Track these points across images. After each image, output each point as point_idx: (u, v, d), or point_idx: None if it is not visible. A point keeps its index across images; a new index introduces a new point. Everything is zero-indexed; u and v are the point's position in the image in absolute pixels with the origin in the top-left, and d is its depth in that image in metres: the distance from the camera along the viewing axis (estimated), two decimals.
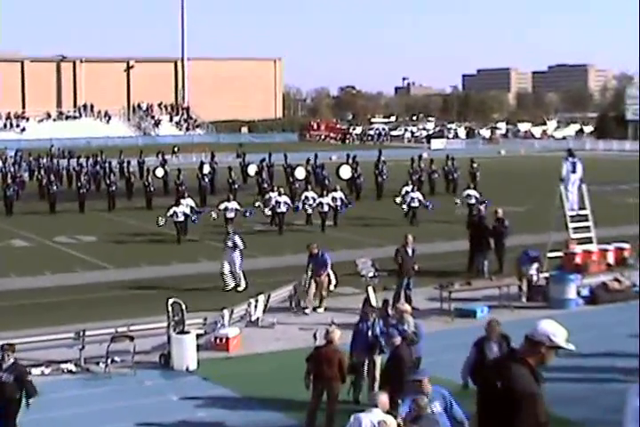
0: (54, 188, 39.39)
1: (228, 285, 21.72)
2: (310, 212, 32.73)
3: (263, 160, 46.44)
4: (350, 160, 45.26)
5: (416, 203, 32.63)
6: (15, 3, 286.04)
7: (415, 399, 9.87)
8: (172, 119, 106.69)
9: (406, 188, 34.55)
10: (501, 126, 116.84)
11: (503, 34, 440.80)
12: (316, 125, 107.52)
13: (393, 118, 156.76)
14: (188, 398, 14.16)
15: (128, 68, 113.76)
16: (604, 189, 39.54)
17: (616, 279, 20.95)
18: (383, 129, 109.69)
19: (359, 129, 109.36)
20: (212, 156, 50.37)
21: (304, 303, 19.63)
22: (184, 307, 16.09)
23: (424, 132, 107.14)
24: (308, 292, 19.61)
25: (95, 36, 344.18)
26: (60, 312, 19.56)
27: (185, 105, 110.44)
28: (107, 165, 47.30)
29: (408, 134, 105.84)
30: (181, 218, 29.07)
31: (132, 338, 15.71)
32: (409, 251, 19.91)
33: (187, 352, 15.62)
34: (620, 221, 30.67)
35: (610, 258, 23.10)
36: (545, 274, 20.80)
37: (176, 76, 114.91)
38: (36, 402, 11.86)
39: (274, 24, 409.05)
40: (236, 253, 21.88)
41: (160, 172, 44.70)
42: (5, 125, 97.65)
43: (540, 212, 30.04)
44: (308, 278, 19.77)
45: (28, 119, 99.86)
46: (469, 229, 24.43)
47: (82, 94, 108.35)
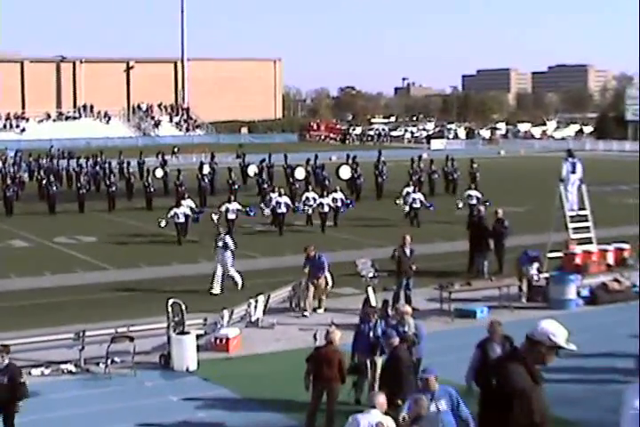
0: (54, 188, 39.39)
1: (213, 288, 21.50)
2: (310, 212, 32.75)
3: (263, 161, 46.45)
4: (350, 160, 45.25)
5: (417, 203, 32.62)
6: (15, 3, 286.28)
7: (415, 399, 9.87)
8: (171, 120, 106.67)
9: (407, 188, 34.52)
10: (501, 127, 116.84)
11: (503, 34, 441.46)
12: (315, 126, 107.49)
13: (393, 119, 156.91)
14: (188, 399, 14.17)
15: (128, 68, 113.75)
16: (603, 190, 39.54)
17: (616, 280, 20.95)
18: (383, 129, 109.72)
19: (359, 129, 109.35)
20: (212, 156, 50.35)
21: (303, 304, 19.62)
22: (184, 307, 16.09)
23: (424, 133, 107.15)
24: (307, 295, 19.58)
25: (95, 36, 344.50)
26: (60, 313, 19.57)
27: (185, 105, 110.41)
28: (106, 165, 47.29)
29: (408, 135, 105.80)
30: (182, 219, 29.07)
31: (131, 339, 15.71)
32: (407, 251, 19.92)
33: (187, 353, 15.62)
34: (620, 221, 30.68)
35: (610, 258, 23.11)
36: (545, 274, 20.81)
37: (176, 77, 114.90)
38: (35, 403, 11.84)
39: (273, 25, 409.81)
40: (228, 254, 21.74)
41: (160, 172, 44.71)
42: (5, 126, 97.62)
43: (540, 212, 30.05)
44: (305, 281, 19.74)
45: (27, 120, 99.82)
46: (469, 230, 24.43)
47: (81, 95, 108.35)
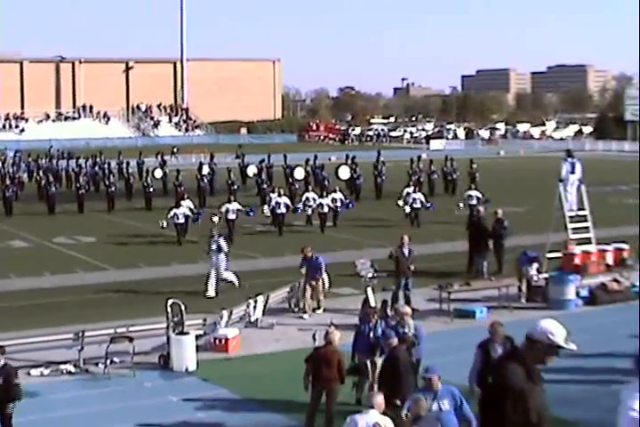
0: (53, 189, 39.39)
1: (208, 291, 21.24)
2: (310, 213, 32.77)
3: (262, 161, 46.43)
4: (349, 161, 45.25)
5: (418, 204, 32.61)
6: (14, 4, 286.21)
7: (414, 400, 9.87)
8: (171, 120, 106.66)
9: (407, 189, 34.55)
10: (500, 127, 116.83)
11: (502, 34, 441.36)
12: (315, 126, 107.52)
13: (392, 119, 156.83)
14: (187, 399, 14.17)
15: (127, 68, 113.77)
16: (603, 190, 39.54)
17: (615, 280, 20.95)
18: (382, 130, 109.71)
19: (358, 130, 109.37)
20: (212, 156, 50.31)
21: (302, 305, 19.59)
22: (183, 308, 16.09)
23: (423, 133, 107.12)
24: (304, 296, 19.55)
25: (94, 36, 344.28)
26: (60, 313, 19.56)
27: (184, 106, 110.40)
28: (106, 165, 47.29)
29: (407, 135, 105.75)
30: (182, 220, 29.03)
31: (131, 339, 15.70)
32: (405, 251, 19.91)
33: (186, 353, 15.61)
34: (619, 221, 30.69)
35: (609, 259, 23.09)
36: (544, 275, 20.80)
37: (175, 77, 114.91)
38: (34, 403, 11.82)
39: (272, 25, 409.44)
40: (222, 256, 21.58)
41: (159, 173, 44.69)
42: (4, 126, 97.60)
43: (540, 212, 30.05)
44: (303, 282, 19.71)
45: (27, 120, 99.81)
46: (469, 230, 24.43)
47: (81, 95, 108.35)
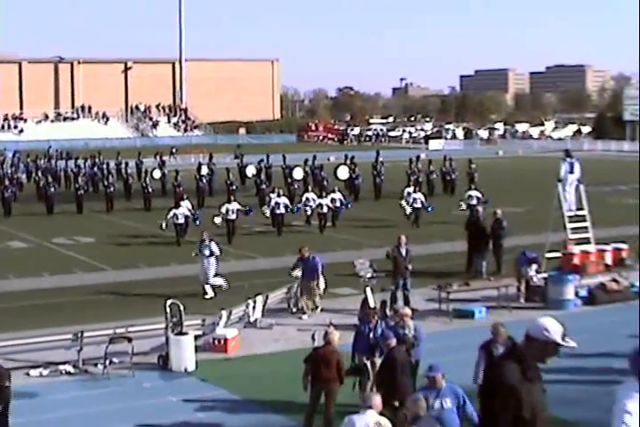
0: (52, 189, 39.37)
1: (207, 293, 21.20)
2: (310, 213, 32.80)
3: (261, 161, 46.44)
4: (348, 161, 45.26)
5: (418, 204, 32.59)
6: (13, 4, 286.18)
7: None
8: (169, 120, 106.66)
9: (408, 189, 34.57)
10: (499, 127, 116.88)
11: (501, 35, 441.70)
12: (313, 126, 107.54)
13: (391, 119, 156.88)
14: (186, 400, 14.16)
15: (126, 69, 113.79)
16: (602, 190, 39.55)
17: (614, 280, 20.95)
18: (381, 130, 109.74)
19: (357, 130, 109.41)
20: (210, 157, 50.35)
21: (301, 306, 19.56)
22: (182, 308, 16.09)
23: (422, 133, 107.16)
24: (302, 297, 19.51)
25: (93, 37, 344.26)
26: (59, 313, 19.56)
27: (183, 106, 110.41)
28: (104, 166, 47.34)
29: (406, 135, 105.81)
30: (181, 220, 28.97)
31: (130, 339, 15.69)
32: (402, 252, 19.90)
33: (185, 353, 15.61)
34: (618, 221, 30.70)
35: (608, 258, 23.10)
36: (543, 275, 20.80)
37: (174, 78, 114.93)
38: (33, 404, 11.79)
39: (271, 25, 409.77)
40: (212, 260, 21.42)
41: (158, 173, 44.67)
42: (3, 127, 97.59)
43: (539, 212, 30.05)
44: (298, 283, 19.67)
45: (25, 120, 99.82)
46: (468, 230, 24.42)
47: (80, 96, 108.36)
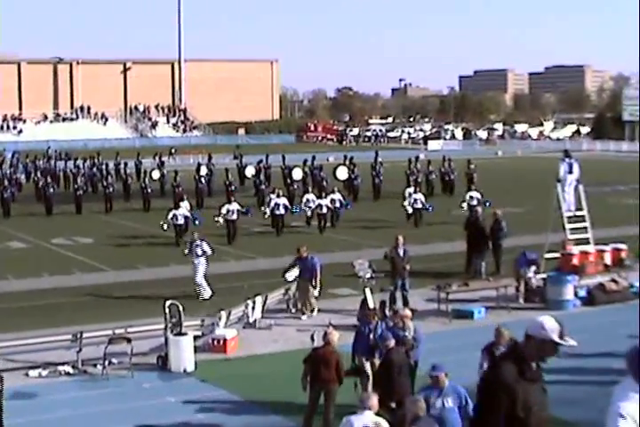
0: (51, 190, 39.36)
1: (202, 294, 21.02)
2: (309, 214, 32.84)
3: (260, 162, 46.46)
4: (347, 161, 45.26)
5: (419, 204, 32.58)
6: (12, 5, 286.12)
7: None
8: (169, 121, 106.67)
9: (409, 189, 34.57)
10: (498, 127, 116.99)
11: (500, 35, 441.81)
12: (312, 127, 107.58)
13: (390, 120, 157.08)
14: (185, 400, 14.15)
15: (125, 69, 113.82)
16: (601, 190, 39.55)
17: (613, 280, 20.94)
18: (380, 130, 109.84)
19: (356, 130, 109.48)
20: (210, 157, 50.35)
21: (300, 306, 19.55)
22: (181, 309, 16.09)
23: (421, 134, 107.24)
24: (301, 297, 19.49)
25: (92, 37, 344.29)
26: (58, 314, 19.56)
27: (182, 107, 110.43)
28: (104, 166, 47.36)
29: (405, 135, 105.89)
30: (181, 221, 28.92)
31: (129, 340, 15.68)
32: (400, 252, 19.89)
33: (184, 354, 15.60)
34: (618, 221, 30.72)
35: (607, 259, 23.08)
36: (542, 275, 20.80)
37: (173, 78, 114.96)
38: (32, 404, 11.78)
39: (270, 26, 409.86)
40: (202, 260, 21.29)
41: (157, 174, 44.66)
42: (2, 127, 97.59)
43: (538, 213, 30.06)
44: (297, 283, 19.66)
45: (24, 121, 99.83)
46: (467, 231, 24.42)
47: (79, 96, 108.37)
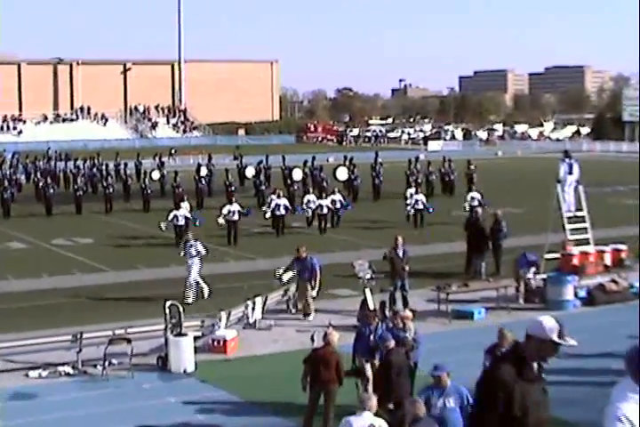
0: (51, 190, 39.36)
1: (187, 297, 20.71)
2: (310, 214, 32.84)
3: (260, 162, 46.48)
4: (347, 162, 45.26)
5: (420, 205, 32.53)
6: (12, 5, 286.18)
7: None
8: (169, 121, 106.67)
9: (410, 190, 34.56)
10: (498, 128, 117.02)
11: (500, 35, 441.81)
12: (312, 127, 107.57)
13: (390, 120, 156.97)
14: (185, 401, 14.15)
15: (125, 70, 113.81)
16: (601, 191, 39.56)
17: (613, 280, 20.95)
18: (380, 131, 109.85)
19: (356, 131, 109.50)
20: (210, 158, 50.38)
21: (301, 307, 19.53)
22: (181, 309, 16.09)
23: (421, 134, 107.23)
24: (300, 298, 19.48)
25: (92, 38, 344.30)
26: (58, 315, 19.56)
27: (182, 107, 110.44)
28: (103, 167, 47.38)
29: (405, 136, 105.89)
30: (182, 221, 28.86)
31: (129, 340, 15.69)
32: (399, 253, 19.89)
33: (184, 354, 15.61)
34: (617, 222, 30.73)
35: (607, 259, 23.09)
36: (542, 275, 20.80)
37: (173, 79, 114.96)
38: (32, 405, 11.77)
39: (270, 26, 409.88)
40: (196, 260, 21.18)
41: (157, 174, 44.67)
42: (2, 128, 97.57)
43: (538, 213, 30.06)
44: (296, 284, 19.65)
45: (24, 122, 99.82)
46: (467, 231, 24.43)
47: (79, 97, 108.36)
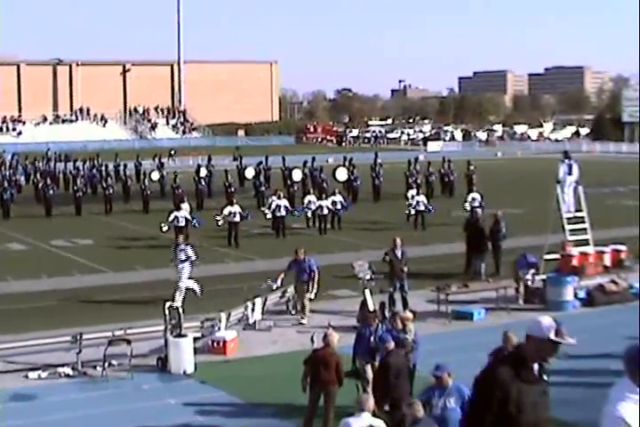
0: (51, 191, 39.36)
1: (176, 300, 20.13)
2: (310, 215, 32.86)
3: (260, 163, 46.51)
4: (347, 163, 45.27)
5: (421, 206, 32.51)
6: (11, 6, 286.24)
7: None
8: (168, 122, 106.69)
9: (411, 191, 34.55)
10: (498, 128, 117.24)
11: (499, 36, 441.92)
12: (312, 128, 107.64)
13: (389, 121, 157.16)
14: (185, 402, 14.15)
15: (124, 71, 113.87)
16: (600, 191, 39.58)
17: (613, 281, 20.95)
18: (380, 131, 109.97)
19: (355, 132, 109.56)
20: (209, 159, 50.35)
21: (299, 308, 19.51)
22: (181, 310, 16.09)
23: (420, 135, 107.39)
24: (298, 300, 19.47)
25: (91, 39, 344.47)
26: (57, 316, 19.55)
27: (181, 108, 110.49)
28: (103, 168, 47.43)
29: (404, 137, 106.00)
30: (182, 223, 28.83)
31: (129, 341, 15.68)
32: (398, 254, 19.89)
33: (184, 356, 15.60)
34: (617, 223, 30.73)
35: (606, 260, 23.10)
36: (542, 276, 20.80)
37: (172, 80, 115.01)
38: (32, 406, 11.77)
39: (269, 27, 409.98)
40: (186, 265, 20.95)
41: (156, 175, 44.69)
42: (1, 129, 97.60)
43: (538, 214, 30.06)
44: (294, 286, 19.65)
45: (24, 123, 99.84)
46: (466, 232, 24.43)
47: (78, 98, 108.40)
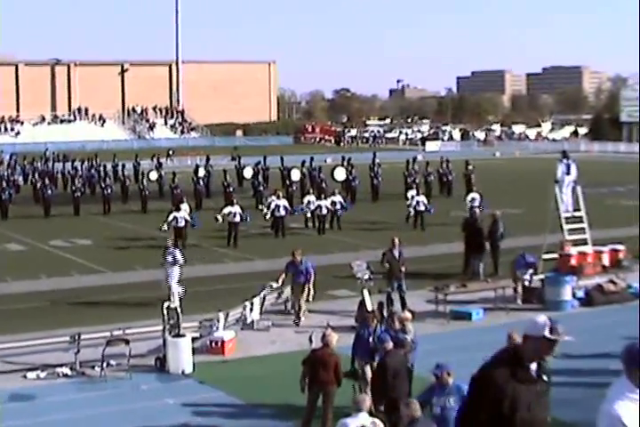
0: (49, 191, 39.31)
1: (172, 301, 20.56)
2: (309, 215, 32.86)
3: (258, 163, 46.52)
4: (345, 162, 45.25)
5: (421, 206, 32.47)
6: (10, 6, 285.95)
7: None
8: (166, 122, 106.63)
9: (411, 192, 34.53)
10: (496, 128, 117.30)
11: (497, 36, 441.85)
12: (310, 128, 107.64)
13: (388, 121, 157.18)
14: (183, 402, 14.13)
15: (122, 71, 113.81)
16: (598, 191, 39.60)
17: (611, 281, 20.96)
18: (378, 131, 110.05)
19: (354, 131, 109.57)
20: (207, 159, 50.32)
21: (296, 309, 19.49)
22: (179, 310, 16.09)
23: (419, 135, 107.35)
24: (295, 301, 19.43)
25: (90, 39, 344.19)
26: (56, 316, 19.54)
27: (180, 108, 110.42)
28: (101, 168, 47.39)
29: (403, 137, 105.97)
30: (182, 223, 28.75)
31: (127, 341, 15.67)
32: (395, 254, 19.89)
33: (182, 355, 15.60)
34: (615, 222, 30.76)
35: (605, 260, 23.13)
36: (540, 276, 20.81)
37: (170, 80, 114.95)
38: (30, 406, 11.76)
39: (267, 27, 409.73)
40: (175, 268, 20.32)
41: (154, 175, 44.66)
42: (0, 129, 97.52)
43: (536, 213, 30.07)
44: (290, 287, 19.62)
45: (22, 123, 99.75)
46: (465, 232, 24.42)
47: (76, 98, 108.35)
